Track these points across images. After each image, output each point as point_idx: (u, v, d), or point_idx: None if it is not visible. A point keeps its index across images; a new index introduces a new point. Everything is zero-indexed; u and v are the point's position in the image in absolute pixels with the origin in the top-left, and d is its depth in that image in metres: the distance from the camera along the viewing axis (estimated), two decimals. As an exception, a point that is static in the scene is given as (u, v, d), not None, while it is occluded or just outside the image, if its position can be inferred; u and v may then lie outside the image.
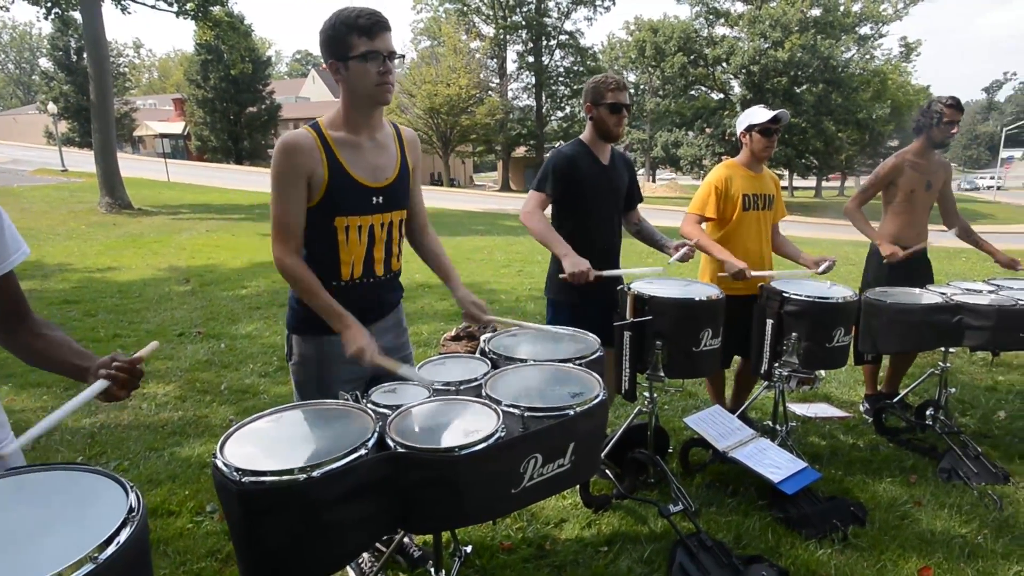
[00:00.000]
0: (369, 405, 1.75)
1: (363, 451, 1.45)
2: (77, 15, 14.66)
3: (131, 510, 1.07)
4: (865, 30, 36.62)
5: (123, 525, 1.03)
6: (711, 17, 37.81)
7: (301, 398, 2.06)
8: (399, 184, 2.02)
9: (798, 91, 34.43)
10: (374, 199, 1.96)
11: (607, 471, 2.88)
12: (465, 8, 39.31)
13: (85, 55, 15.30)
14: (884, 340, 3.17)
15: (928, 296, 3.24)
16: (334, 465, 1.39)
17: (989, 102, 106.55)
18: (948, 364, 3.41)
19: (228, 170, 31.19)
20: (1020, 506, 2.85)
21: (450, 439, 1.54)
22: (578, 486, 2.78)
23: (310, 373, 2.06)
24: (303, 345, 2.04)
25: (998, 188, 51.33)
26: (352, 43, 1.79)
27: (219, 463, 1.39)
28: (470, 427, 1.57)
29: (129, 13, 15.52)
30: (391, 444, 1.52)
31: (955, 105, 3.49)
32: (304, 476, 1.36)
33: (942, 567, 2.40)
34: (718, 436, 2.88)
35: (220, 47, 32.32)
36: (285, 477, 1.35)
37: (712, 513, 2.74)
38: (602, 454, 2.89)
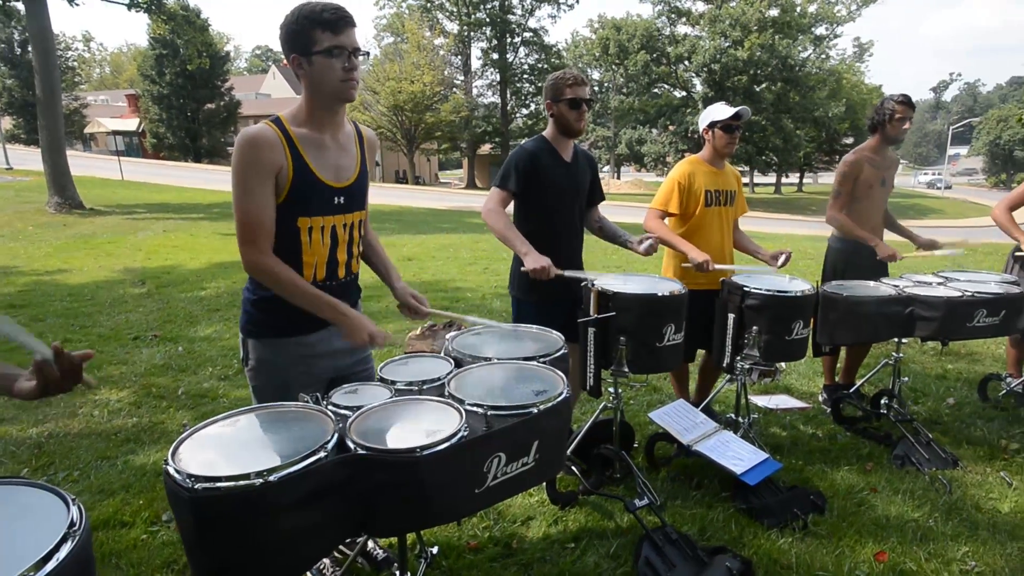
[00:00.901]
0: (329, 407, 1.71)
1: (322, 454, 1.42)
2: (20, 6, 14.01)
3: (72, 524, 1.02)
4: (821, 30, 37.60)
5: (63, 540, 0.98)
6: (673, 16, 38.32)
7: (259, 403, 2.01)
8: (360, 185, 1.99)
9: (758, 89, 35.18)
10: (336, 199, 1.91)
11: (573, 467, 2.89)
12: (428, 4, 39.01)
13: (30, 48, 14.63)
14: (841, 332, 3.24)
15: (882, 289, 3.34)
16: (292, 469, 1.36)
17: (937, 101, 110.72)
18: (901, 354, 3.52)
19: (186, 168, 30.35)
20: (968, 489, 2.96)
21: (412, 440, 1.51)
22: (544, 483, 2.78)
23: (267, 378, 2.00)
24: (259, 349, 1.98)
25: (947, 187, 53.19)
26: (316, 38, 1.75)
27: (171, 470, 1.34)
28: (432, 427, 1.55)
29: (77, 5, 14.93)
30: (351, 446, 1.49)
31: (906, 103, 3.60)
32: (261, 481, 1.32)
33: (896, 551, 2.48)
34: (682, 430, 2.91)
35: (176, 41, 31.43)
36: (241, 483, 1.31)
37: (677, 506, 2.77)
38: (568, 450, 2.90)
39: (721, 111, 3.24)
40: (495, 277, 8.25)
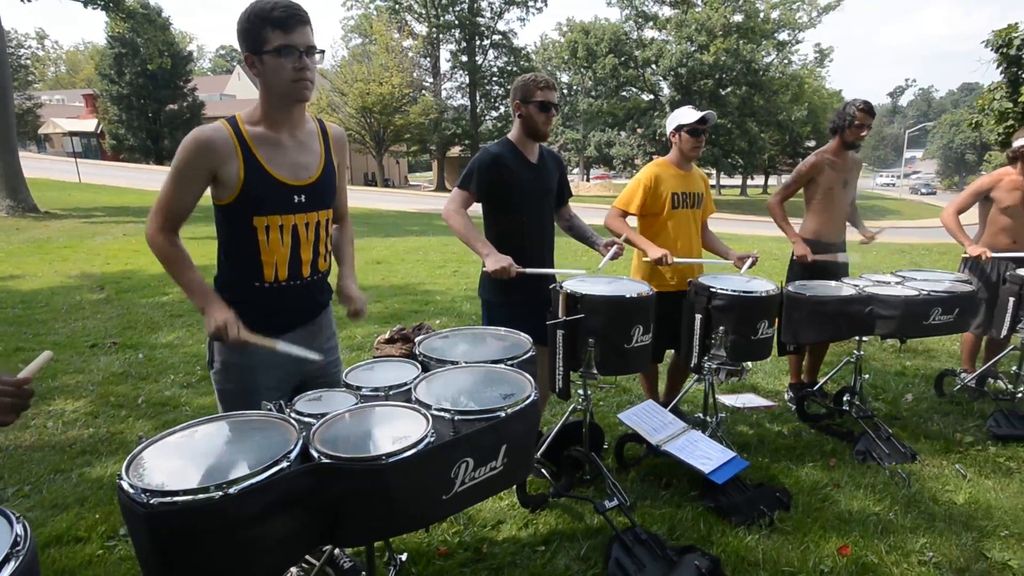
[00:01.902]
0: (292, 414, 1.68)
1: (285, 464, 1.39)
2: (-31, 2, 13.50)
3: (16, 543, 0.97)
4: (783, 36, 38.45)
5: (6, 560, 0.94)
6: (640, 20, 38.75)
7: (224, 408, 1.97)
8: (323, 183, 1.95)
9: (723, 93, 35.81)
10: (296, 198, 1.88)
11: (543, 470, 2.88)
12: (397, 6, 38.77)
13: (-21, 46, 14.09)
14: (804, 331, 3.31)
15: (843, 289, 3.42)
16: (253, 481, 1.32)
17: (894, 106, 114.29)
18: (862, 352, 3.60)
19: (147, 170, 29.56)
20: (925, 482, 3.04)
21: (377, 447, 1.49)
22: (515, 487, 2.77)
23: (233, 381, 1.96)
24: (225, 352, 1.94)
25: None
26: (266, 36, 1.72)
27: (124, 485, 1.30)
28: (398, 433, 1.53)
29: (29, 1, 14.42)
30: (315, 455, 1.46)
31: (866, 109, 3.69)
32: (220, 494, 1.28)
33: (859, 544, 2.53)
34: (651, 430, 2.93)
35: (135, 40, 30.65)
36: (199, 496, 1.27)
37: (647, 506, 2.78)
38: (538, 453, 2.90)
39: (687, 115, 3.28)
40: (465, 280, 8.22)
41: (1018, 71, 14.09)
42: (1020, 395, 3.79)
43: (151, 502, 1.25)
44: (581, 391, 2.75)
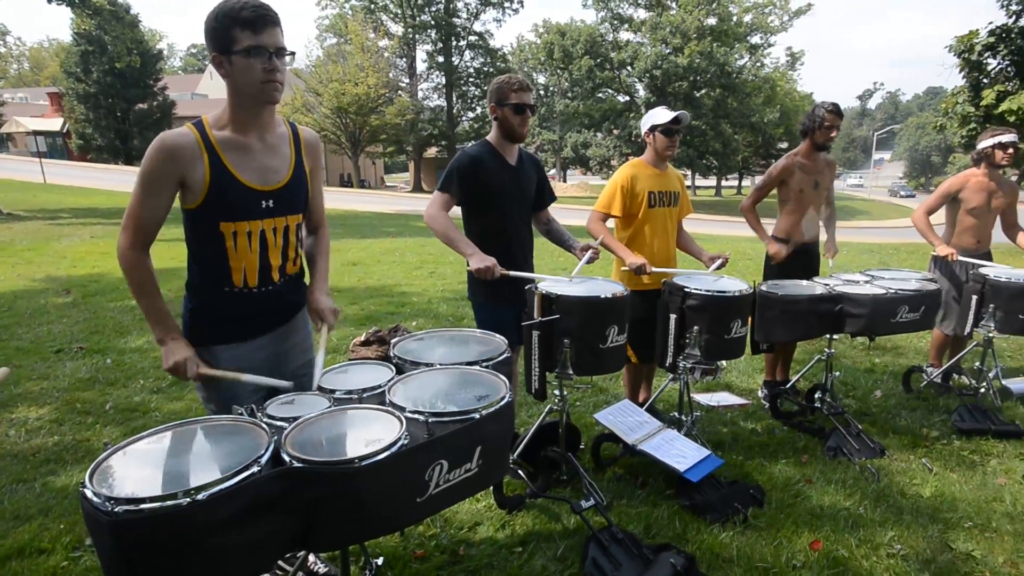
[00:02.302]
0: (264, 419, 1.65)
1: (255, 468, 1.37)
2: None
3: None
4: (755, 39, 39.07)
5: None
6: (615, 22, 39.03)
7: (208, 412, 1.95)
8: (293, 187, 1.92)
9: (698, 95, 36.24)
10: (263, 203, 1.85)
11: (520, 471, 2.88)
12: (372, 6, 38.49)
13: (-62, 42, 13.62)
14: (777, 330, 3.36)
15: (814, 288, 3.48)
16: (223, 486, 1.30)
17: (862, 109, 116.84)
18: (832, 350, 3.67)
19: (116, 171, 28.91)
20: (894, 476, 3.11)
21: (350, 450, 1.47)
22: (491, 488, 2.76)
23: (211, 387, 1.94)
24: (204, 356, 1.91)
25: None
26: (235, 37, 1.69)
27: (88, 493, 1.27)
28: (371, 436, 1.51)
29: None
30: (287, 459, 1.44)
31: (835, 111, 3.76)
32: (188, 500, 1.25)
33: (830, 539, 2.57)
34: (627, 430, 2.95)
35: (103, 38, 29.95)
36: (167, 503, 1.24)
37: (623, 506, 2.80)
38: (515, 454, 2.90)
39: (661, 115, 3.31)
40: (441, 281, 8.19)
41: (979, 76, 14.51)
42: (983, 390, 3.90)
43: (116, 510, 1.22)
44: (557, 392, 2.76)
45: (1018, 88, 13.69)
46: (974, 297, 3.83)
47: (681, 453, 2.86)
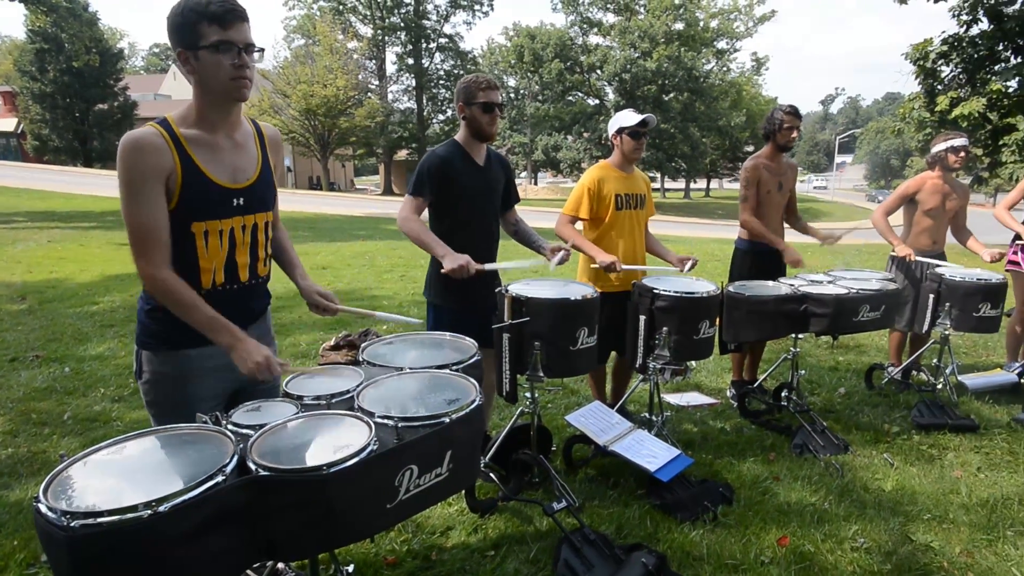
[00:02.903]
0: (229, 426, 1.62)
1: (220, 478, 1.34)
2: None
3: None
4: (722, 44, 39.74)
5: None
6: (585, 26, 39.34)
7: (157, 422, 1.88)
8: (261, 185, 1.89)
9: (666, 99, 36.71)
10: (234, 201, 1.81)
11: (491, 474, 2.87)
12: (341, 7, 38.13)
13: None
14: (744, 330, 3.42)
15: (780, 288, 3.55)
16: (185, 497, 1.26)
17: (825, 113, 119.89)
18: (798, 349, 3.75)
19: (74, 173, 28.04)
20: (857, 472, 3.19)
21: (318, 457, 1.45)
22: (463, 492, 2.75)
23: (164, 392, 1.87)
24: (155, 362, 1.85)
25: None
26: (202, 32, 1.64)
27: (42, 507, 1.22)
28: (340, 442, 1.49)
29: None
30: (253, 468, 1.41)
31: (793, 113, 3.85)
32: (149, 513, 1.22)
33: (797, 534, 2.63)
34: (598, 431, 2.97)
35: (60, 35, 29.05)
36: (127, 516, 1.20)
37: (595, 507, 2.81)
38: (486, 457, 2.89)
39: (629, 118, 3.34)
40: (412, 284, 8.14)
41: (934, 83, 15.03)
42: (940, 386, 4.02)
43: (72, 525, 1.18)
44: (528, 394, 2.76)
45: (969, 95, 14.22)
46: (931, 296, 3.96)
47: (652, 453, 2.89)
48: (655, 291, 3.02)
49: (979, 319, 3.84)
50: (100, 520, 1.19)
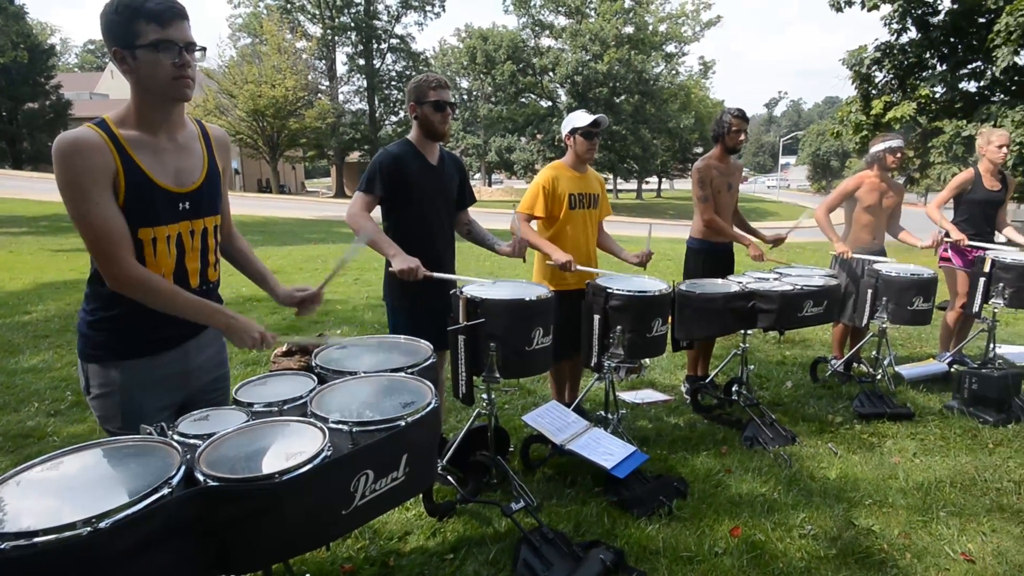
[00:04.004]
0: (175, 437, 1.56)
1: (165, 491, 1.29)
2: None
3: None
4: (671, 48, 40.62)
5: None
6: (537, 29, 39.62)
7: (107, 435, 1.80)
8: (208, 187, 1.83)
9: (618, 101, 37.32)
10: (180, 205, 1.75)
11: (449, 477, 2.86)
12: (288, 6, 37.32)
13: None
14: (696, 327, 3.50)
15: (729, 286, 3.65)
16: (128, 512, 1.21)
17: (769, 116, 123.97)
18: (747, 344, 3.86)
19: (3, 176, 26.57)
20: (804, 462, 3.31)
21: (270, 465, 1.42)
22: (421, 495, 2.73)
23: (115, 406, 1.79)
24: (103, 374, 1.77)
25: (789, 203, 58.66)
26: (140, 30, 1.58)
27: (-32, 530, 1.15)
28: (293, 450, 1.46)
29: None
30: (201, 479, 1.36)
31: (741, 116, 3.97)
32: (88, 530, 1.16)
33: (748, 524, 2.70)
34: (555, 430, 2.99)
35: (-16, 31, 27.47)
36: (65, 535, 1.15)
37: (553, 505, 2.83)
38: (444, 460, 2.87)
39: (581, 118, 3.38)
40: (367, 288, 8.03)
41: (868, 87, 15.74)
42: (879, 377, 4.21)
43: (2, 547, 1.11)
44: (485, 395, 2.76)
45: (901, 99, 14.95)
46: (869, 291, 4.14)
47: (608, 451, 2.93)
48: (608, 290, 3.06)
49: (913, 312, 4.04)
50: (35, 540, 1.13)
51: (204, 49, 1.71)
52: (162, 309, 1.70)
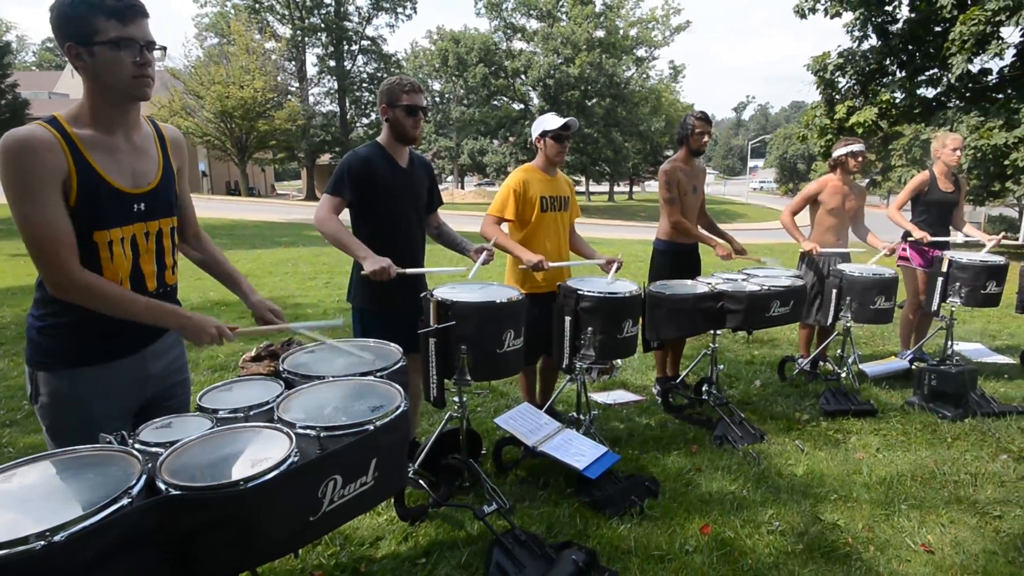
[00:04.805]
0: (136, 445, 1.52)
1: (125, 501, 1.26)
2: None
3: None
4: (641, 52, 41.12)
5: None
6: (509, 32, 39.73)
7: (56, 447, 1.73)
8: (163, 189, 1.79)
9: (589, 104, 37.62)
10: (135, 206, 1.71)
11: (421, 480, 2.84)
12: (257, 6, 36.76)
13: None
14: (666, 328, 3.54)
15: (698, 287, 3.70)
16: (85, 524, 1.18)
17: (738, 120, 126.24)
18: (716, 345, 3.92)
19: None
20: (772, 459, 3.36)
21: (234, 472, 1.39)
22: (393, 500, 2.71)
23: (64, 415, 1.74)
24: (52, 382, 1.71)
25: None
26: (98, 26, 1.54)
27: (-89, 549, 1.10)
28: (258, 456, 1.43)
29: None
30: (163, 487, 1.33)
31: (704, 118, 4.03)
32: (43, 544, 1.13)
33: (718, 522, 2.74)
34: (527, 432, 2.99)
35: (-65, 27, 26.48)
36: (16, 550, 1.11)
37: (525, 507, 2.83)
38: (416, 463, 2.86)
39: (551, 121, 3.39)
40: (338, 291, 7.94)
41: (832, 93, 16.15)
42: (844, 375, 4.31)
43: (-50, 564, 1.07)
44: (456, 398, 2.75)
45: (863, 104, 15.37)
46: (834, 291, 4.24)
47: (580, 452, 2.94)
48: (579, 292, 3.08)
49: (875, 311, 4.15)
50: (-15, 555, 1.09)
51: (165, 48, 1.67)
52: (111, 314, 1.65)
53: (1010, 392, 4.48)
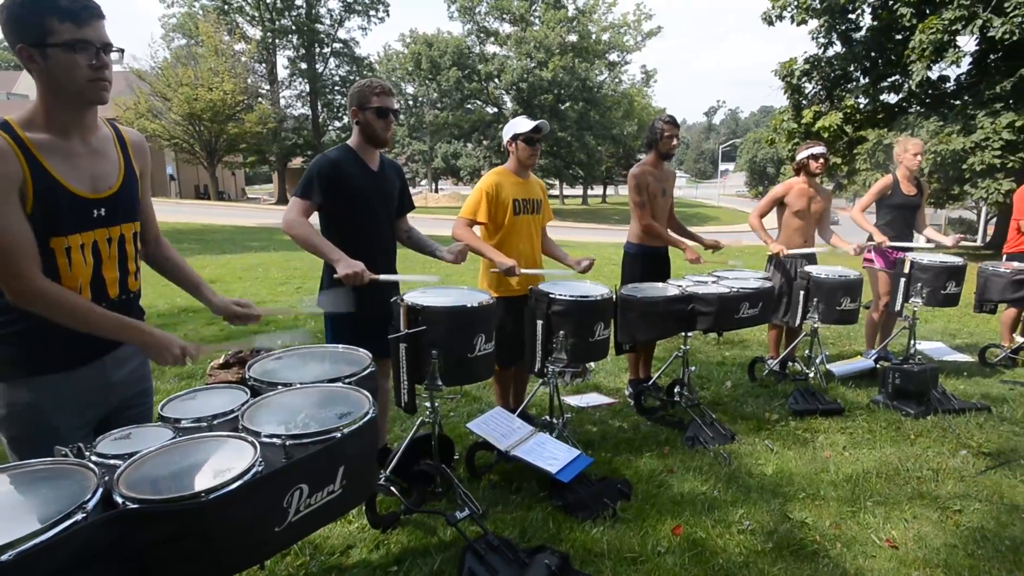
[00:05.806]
0: (93, 458, 1.47)
1: (79, 516, 1.21)
2: None
3: None
4: (614, 57, 41.55)
5: None
6: (482, 35, 39.83)
7: (19, 458, 1.68)
8: (124, 193, 1.74)
9: (563, 108, 37.85)
10: (95, 212, 1.66)
11: (393, 487, 2.81)
12: (226, 7, 36.20)
13: None
14: (638, 330, 3.56)
15: (669, 290, 3.73)
16: (36, 541, 1.13)
17: (709, 124, 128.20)
18: (688, 346, 3.96)
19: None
20: (742, 459, 3.41)
21: (196, 483, 1.35)
22: (364, 507, 2.67)
23: (25, 427, 1.68)
24: (11, 393, 1.65)
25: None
26: (52, 28, 1.49)
27: None
28: (221, 466, 1.40)
29: None
30: (120, 501, 1.29)
31: (671, 122, 4.08)
32: (-10, 564, 1.08)
33: (690, 523, 2.76)
34: (500, 437, 2.98)
35: None
36: (-38, 570, 1.06)
37: (499, 512, 2.82)
38: (387, 470, 2.82)
39: (523, 124, 3.40)
40: (309, 296, 7.83)
41: (799, 98, 16.51)
42: (812, 375, 4.39)
43: None
44: (428, 404, 2.73)
45: (829, 109, 15.74)
46: (802, 292, 4.32)
47: (553, 455, 2.94)
48: (551, 296, 3.08)
49: (841, 312, 4.24)
50: (-72, 578, 1.04)
51: (122, 51, 1.63)
52: (71, 326, 1.60)
53: (969, 389, 4.62)
